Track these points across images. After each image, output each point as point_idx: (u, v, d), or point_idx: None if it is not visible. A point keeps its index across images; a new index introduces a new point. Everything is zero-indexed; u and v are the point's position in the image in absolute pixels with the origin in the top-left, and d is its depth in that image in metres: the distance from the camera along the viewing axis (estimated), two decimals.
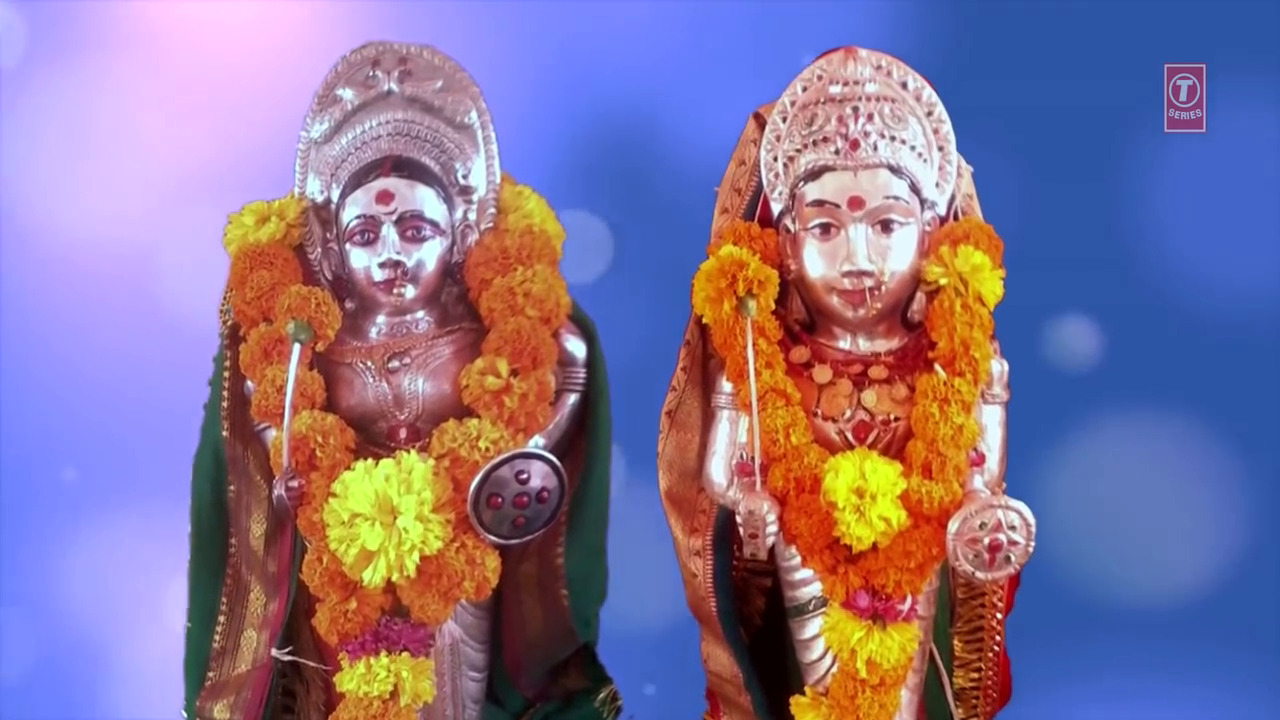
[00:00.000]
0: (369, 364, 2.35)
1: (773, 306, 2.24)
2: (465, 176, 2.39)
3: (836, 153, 2.24)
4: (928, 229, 2.25)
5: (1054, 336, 2.95)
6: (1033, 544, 2.13)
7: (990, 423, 2.25)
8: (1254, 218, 2.95)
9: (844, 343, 2.28)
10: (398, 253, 2.31)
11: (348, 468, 2.24)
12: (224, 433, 2.41)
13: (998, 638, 2.43)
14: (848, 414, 2.23)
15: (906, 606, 2.19)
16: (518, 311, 2.32)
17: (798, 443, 2.21)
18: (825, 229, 2.22)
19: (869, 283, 2.20)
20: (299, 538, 2.33)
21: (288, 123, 2.37)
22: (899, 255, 2.21)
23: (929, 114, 2.26)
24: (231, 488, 2.42)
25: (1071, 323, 2.92)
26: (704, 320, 2.26)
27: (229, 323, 2.40)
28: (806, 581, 2.28)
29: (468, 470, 2.23)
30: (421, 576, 2.23)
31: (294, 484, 2.26)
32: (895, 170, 2.22)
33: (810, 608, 2.29)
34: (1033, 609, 2.43)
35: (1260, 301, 2.97)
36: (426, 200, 2.34)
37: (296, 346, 2.24)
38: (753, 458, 2.20)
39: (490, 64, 2.42)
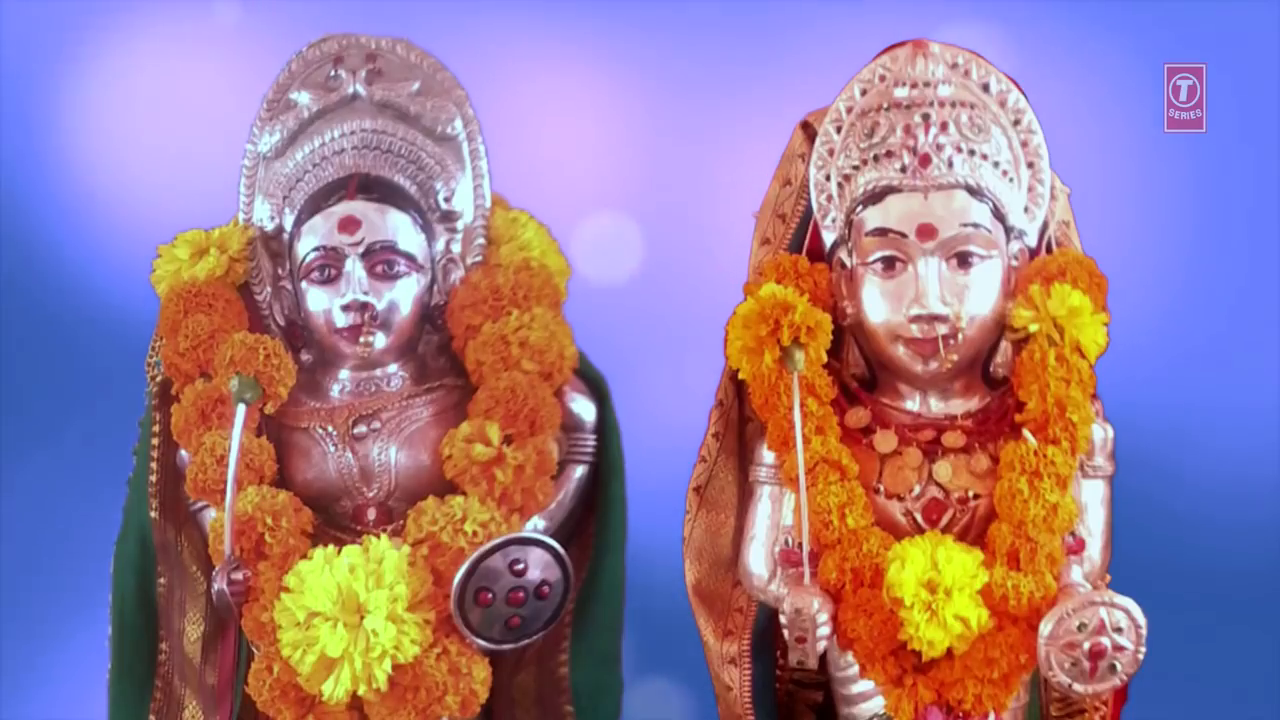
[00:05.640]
0: (330, 429, 2.24)
1: (825, 359, 2.13)
2: (448, 199, 2.30)
3: (903, 170, 2.13)
4: (1014, 263, 2.15)
5: None
6: (1143, 649, 2.00)
7: (1091, 501, 2.13)
8: (1253, 218, 3.08)
9: (912, 403, 2.17)
10: (365, 293, 2.22)
11: (304, 556, 2.14)
12: (152, 514, 2.31)
13: None
14: (916, 490, 2.13)
15: None
16: (512, 365, 2.22)
17: (855, 526, 2.09)
18: (889, 264, 2.12)
19: (943, 329, 2.10)
20: (244, 642, 2.24)
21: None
22: (979, 296, 2.11)
23: (1016, 123, 2.15)
24: (161, 581, 2.33)
25: None
26: (740, 376, 2.14)
27: (158, 378, 2.31)
28: (866, 696, 2.16)
29: (451, 559, 2.12)
30: (394, 689, 2.12)
31: (238, 576, 2.14)
32: (974, 192, 2.12)
33: None
34: None
35: (1259, 294, 3.08)
36: (400, 228, 2.24)
37: (241, 408, 2.13)
38: (800, 544, 2.10)
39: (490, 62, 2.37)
